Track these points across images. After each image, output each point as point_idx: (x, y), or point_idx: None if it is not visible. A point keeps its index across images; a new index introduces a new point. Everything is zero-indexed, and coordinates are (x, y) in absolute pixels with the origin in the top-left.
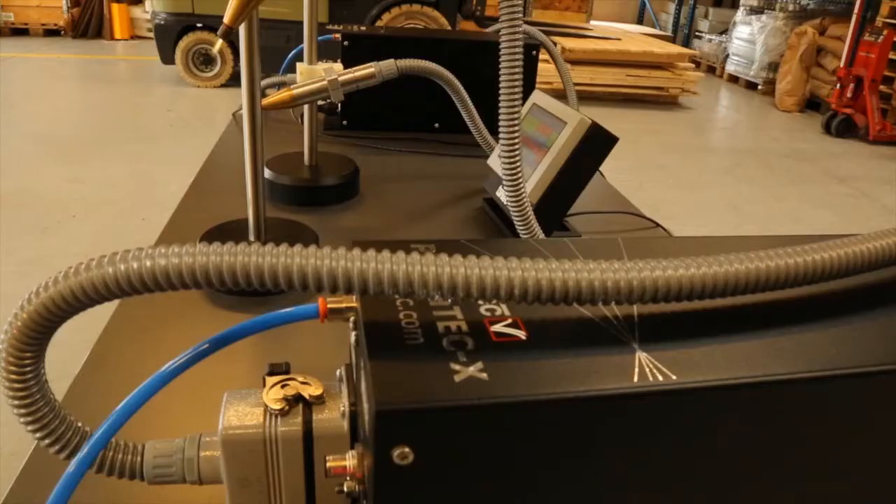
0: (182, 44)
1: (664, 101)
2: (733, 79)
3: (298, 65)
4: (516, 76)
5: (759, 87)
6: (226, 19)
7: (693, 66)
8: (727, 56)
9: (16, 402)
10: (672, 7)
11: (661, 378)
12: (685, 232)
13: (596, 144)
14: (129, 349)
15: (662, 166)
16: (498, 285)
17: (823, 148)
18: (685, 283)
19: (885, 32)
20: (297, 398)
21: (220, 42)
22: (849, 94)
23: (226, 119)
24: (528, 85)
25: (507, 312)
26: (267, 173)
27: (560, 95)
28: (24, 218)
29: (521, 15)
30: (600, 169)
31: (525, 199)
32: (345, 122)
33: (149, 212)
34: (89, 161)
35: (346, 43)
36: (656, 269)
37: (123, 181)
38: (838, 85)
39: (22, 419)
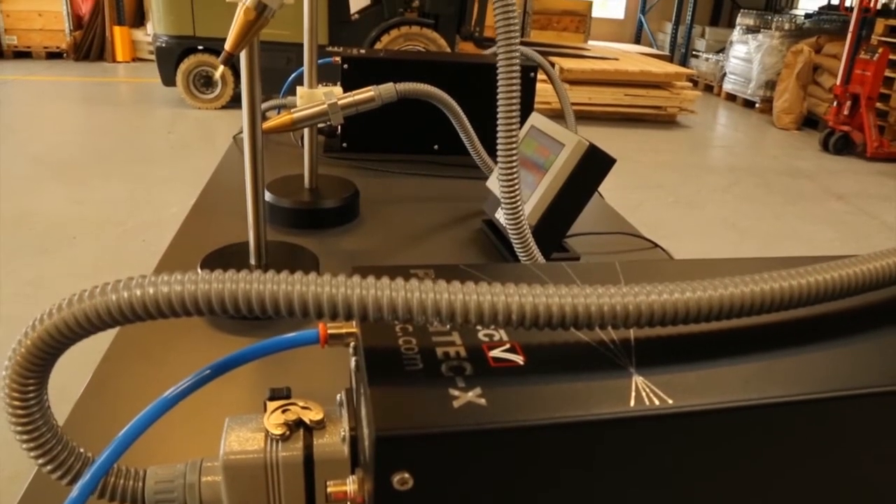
0: (183, 66)
1: (662, 120)
2: (731, 97)
3: (298, 88)
4: (514, 100)
5: (757, 105)
6: (227, 46)
7: (691, 84)
8: (724, 75)
9: (19, 429)
10: (669, 27)
11: (657, 402)
12: (685, 251)
13: (594, 166)
14: (131, 373)
15: (661, 185)
16: (495, 311)
17: (821, 165)
18: (680, 307)
19: (880, 50)
20: (298, 423)
21: (221, 68)
22: (846, 112)
23: (226, 140)
24: (526, 107)
25: (505, 337)
26: (267, 196)
27: (559, 115)
28: (24, 239)
29: (517, 38)
30: (598, 189)
31: (524, 223)
32: (345, 145)
33: (149, 233)
34: (90, 182)
35: (345, 66)
36: (652, 293)
37: (124, 202)
38: (835, 102)
39: (24, 445)
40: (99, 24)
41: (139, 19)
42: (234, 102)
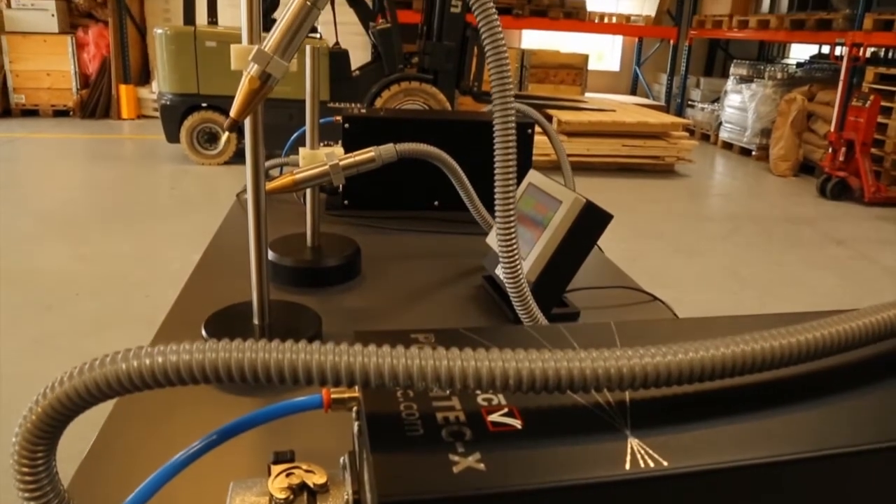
0: (187, 123)
1: (660, 170)
2: (727, 145)
3: (301, 149)
4: (510, 163)
5: (754, 152)
6: (232, 113)
7: (687, 134)
8: (720, 123)
9: (26, 495)
10: (664, 77)
11: (652, 464)
12: (686, 301)
13: (591, 222)
14: (135, 435)
15: (661, 234)
16: (493, 377)
17: (820, 211)
18: (673, 369)
19: (871, 97)
20: (302, 487)
21: (226, 134)
22: (841, 158)
23: (228, 195)
24: (524, 163)
25: (503, 401)
26: (270, 255)
27: (558, 167)
28: (28, 296)
29: (512, 100)
30: (598, 242)
31: (523, 283)
32: (346, 202)
33: (152, 289)
34: (93, 239)
35: (346, 125)
36: (645, 356)
37: (127, 258)
38: (830, 149)
39: None
40: (105, 83)
41: (144, 78)
42: (237, 158)
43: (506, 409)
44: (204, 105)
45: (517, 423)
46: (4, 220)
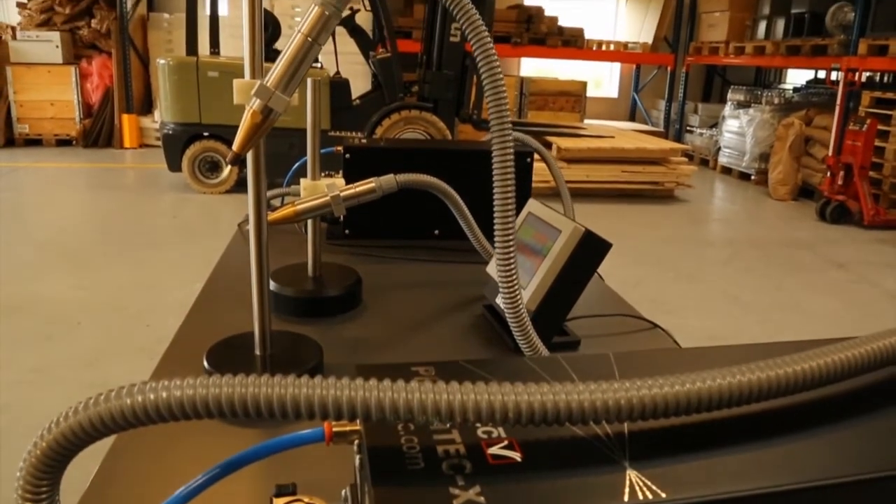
0: (189, 152)
1: (660, 195)
2: (726, 170)
3: (302, 180)
4: (509, 192)
5: (752, 177)
6: (235, 146)
7: (686, 159)
8: (719, 149)
9: None
10: (662, 103)
11: (650, 496)
12: (687, 327)
13: (590, 251)
14: (137, 467)
15: (661, 260)
16: (493, 410)
17: (820, 235)
18: (671, 400)
19: (868, 121)
20: None
21: (229, 167)
22: (840, 182)
23: (230, 224)
24: (524, 192)
25: (503, 434)
26: (272, 285)
27: (557, 193)
28: (28, 325)
29: (510, 133)
30: (598, 269)
31: (523, 312)
32: (347, 231)
33: (153, 318)
34: (95, 267)
35: (347, 155)
36: (643, 388)
37: (128, 288)
38: (829, 173)
39: None
40: (108, 113)
41: (147, 107)
42: (239, 186)
43: (505, 442)
44: (206, 134)
45: (517, 456)
46: (6, 248)
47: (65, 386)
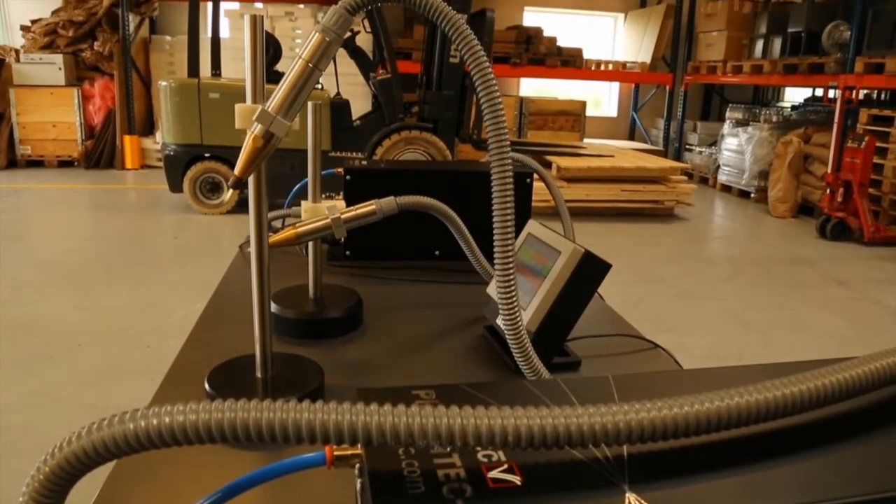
0: (190, 173)
1: (660, 214)
2: (726, 188)
3: (303, 203)
4: (508, 214)
5: (752, 195)
6: (236, 171)
7: (686, 178)
8: (718, 167)
9: None
10: (661, 122)
11: None
12: (689, 346)
13: (590, 272)
14: (138, 491)
15: (662, 278)
16: (492, 434)
17: (820, 252)
18: (669, 423)
19: (866, 139)
20: None
21: (230, 192)
22: (839, 199)
23: (231, 245)
24: (523, 213)
25: (503, 458)
26: (273, 307)
27: (557, 212)
28: (29, 346)
29: (508, 155)
30: (598, 289)
31: (523, 333)
32: (348, 253)
33: (154, 339)
34: (96, 288)
35: (348, 177)
36: (641, 411)
37: (129, 308)
38: (828, 190)
39: None
40: (110, 134)
41: (148, 128)
42: (239, 206)
43: (505, 466)
44: (207, 155)
45: (517, 480)
46: (8, 269)
47: (65, 407)
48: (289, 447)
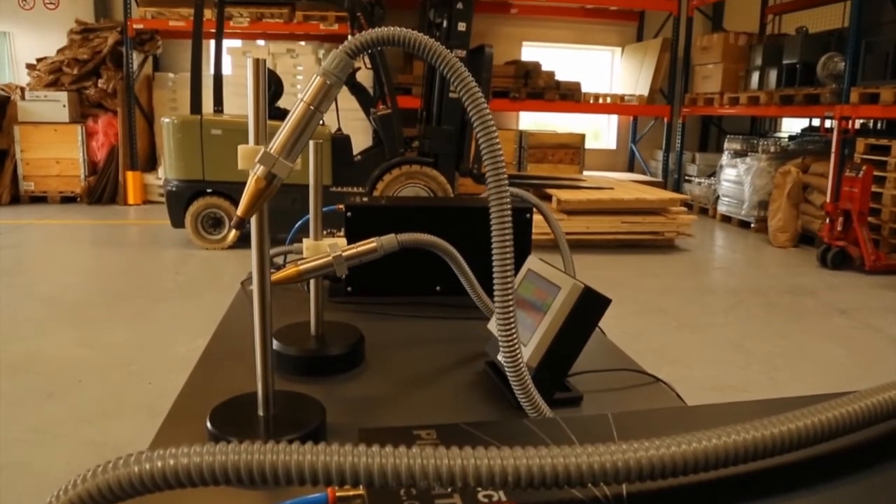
0: (192, 208)
1: (660, 245)
2: (726, 219)
3: (305, 241)
4: (507, 251)
5: (752, 225)
6: (239, 211)
7: (686, 209)
8: (718, 197)
9: None
10: (660, 154)
11: None
12: (691, 377)
13: (590, 307)
14: None
15: (663, 310)
16: (493, 474)
17: (821, 281)
18: (667, 461)
19: (864, 168)
20: None
21: (233, 232)
22: (839, 228)
23: (232, 280)
24: (523, 248)
25: (503, 497)
26: (275, 345)
27: (557, 245)
28: (30, 383)
29: (507, 194)
30: (599, 323)
31: (523, 369)
32: (349, 289)
33: (155, 375)
34: (97, 324)
35: (349, 214)
36: (639, 450)
37: (130, 344)
38: (828, 219)
39: None
40: (113, 170)
41: (151, 164)
42: (241, 242)
43: None
44: (209, 191)
45: None
46: (9, 305)
47: (65, 444)
48: (292, 488)
